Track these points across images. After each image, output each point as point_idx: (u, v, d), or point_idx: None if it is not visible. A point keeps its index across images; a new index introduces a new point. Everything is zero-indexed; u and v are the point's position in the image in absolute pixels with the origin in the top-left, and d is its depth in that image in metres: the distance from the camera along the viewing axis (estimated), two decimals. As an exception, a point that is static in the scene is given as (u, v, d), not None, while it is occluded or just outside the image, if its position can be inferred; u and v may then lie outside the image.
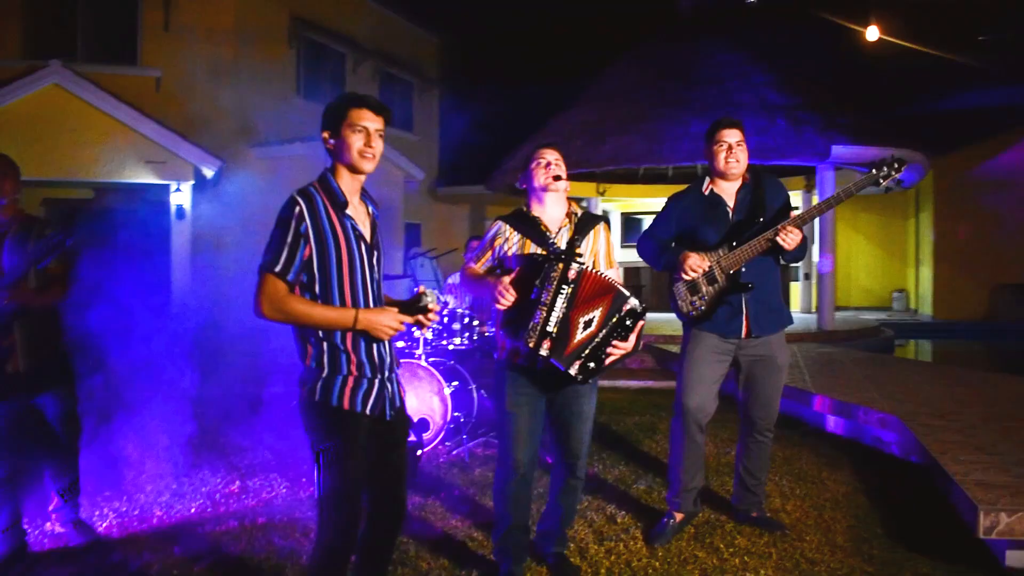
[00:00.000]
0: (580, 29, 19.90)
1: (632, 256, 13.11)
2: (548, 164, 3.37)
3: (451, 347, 6.15)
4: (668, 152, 10.94)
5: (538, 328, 3.08)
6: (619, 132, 11.41)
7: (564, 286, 3.07)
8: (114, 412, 5.47)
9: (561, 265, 3.09)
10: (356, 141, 2.58)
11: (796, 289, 15.06)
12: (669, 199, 4.13)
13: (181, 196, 11.40)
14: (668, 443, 5.76)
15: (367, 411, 2.62)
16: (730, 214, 3.86)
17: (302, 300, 2.54)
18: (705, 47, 13.18)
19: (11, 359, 3.64)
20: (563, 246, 3.33)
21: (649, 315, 3.26)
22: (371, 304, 2.65)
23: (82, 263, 3.95)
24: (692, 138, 10.76)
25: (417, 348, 5.98)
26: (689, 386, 3.88)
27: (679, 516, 3.99)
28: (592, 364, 3.12)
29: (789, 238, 3.63)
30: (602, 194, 14.97)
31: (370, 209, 2.74)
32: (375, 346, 2.64)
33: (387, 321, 2.57)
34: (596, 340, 3.10)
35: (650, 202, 16.10)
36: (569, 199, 3.48)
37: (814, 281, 13.51)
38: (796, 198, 15.89)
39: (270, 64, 14.17)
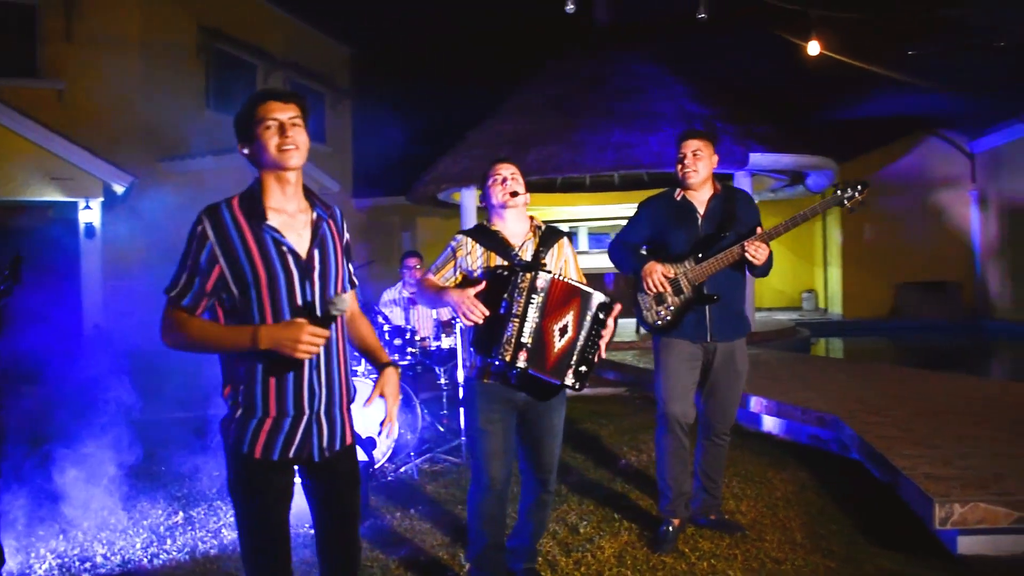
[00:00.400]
0: (495, 41, 19.97)
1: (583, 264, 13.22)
2: (504, 180, 3.33)
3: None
4: (592, 162, 11.07)
5: (512, 340, 3.04)
6: (543, 142, 11.49)
7: (534, 295, 3.06)
8: (36, 445, 5.17)
9: (529, 275, 3.06)
10: (271, 137, 2.25)
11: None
12: (641, 204, 4.17)
13: (90, 214, 10.90)
14: (617, 451, 5.84)
15: (289, 456, 2.31)
16: (699, 221, 3.91)
17: (199, 323, 2.27)
18: (624, 58, 13.40)
19: None
20: (528, 259, 3.31)
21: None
22: None
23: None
24: (615, 147, 10.93)
25: (358, 364, 5.86)
26: (670, 394, 3.91)
27: (676, 521, 4.01)
28: (584, 368, 3.11)
29: (759, 253, 3.70)
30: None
31: (315, 216, 2.37)
32: (304, 376, 2.29)
33: (295, 335, 2.16)
34: (579, 344, 3.09)
35: (568, 210, 16.29)
36: (530, 215, 3.46)
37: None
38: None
39: (179, 76, 13.76)
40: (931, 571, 3.53)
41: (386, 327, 6.13)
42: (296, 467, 2.39)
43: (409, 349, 6.10)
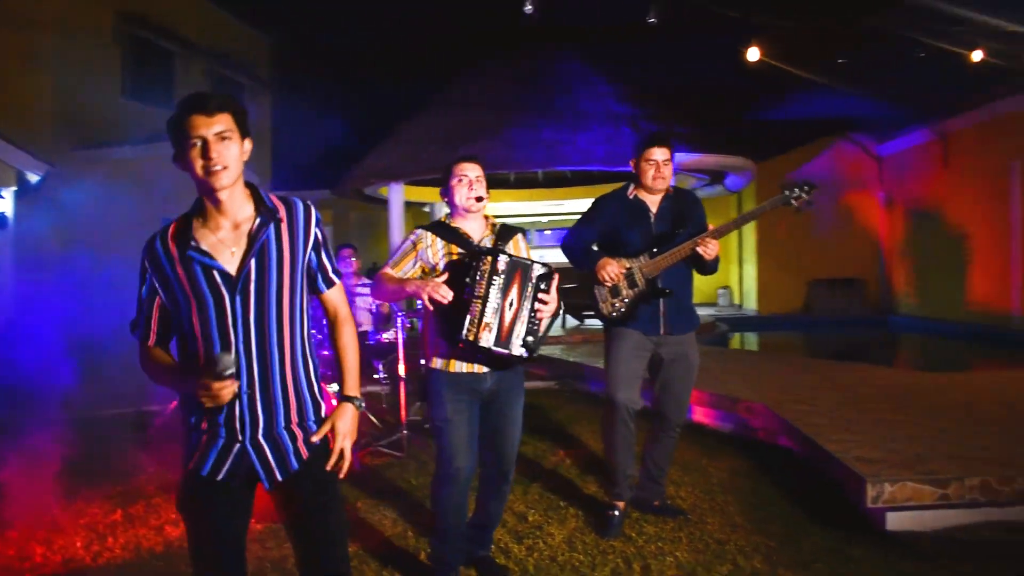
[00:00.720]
0: (421, 35, 19.92)
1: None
2: (471, 184, 3.38)
3: (326, 353, 6.04)
4: (523, 159, 11.21)
5: (476, 321, 3.13)
6: (474, 138, 11.56)
7: (495, 277, 3.16)
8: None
9: (490, 258, 3.17)
10: (196, 158, 2.11)
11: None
12: (595, 201, 4.30)
13: (3, 204, 10.45)
14: (552, 442, 5.96)
15: (227, 476, 2.21)
16: (652, 219, 4.06)
17: (153, 359, 2.26)
18: (551, 57, 13.58)
19: None
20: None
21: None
22: (241, 351, 2.16)
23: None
24: (545, 145, 11.10)
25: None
26: (617, 381, 4.04)
27: (622, 505, 4.14)
28: (531, 337, 3.21)
29: (709, 249, 3.87)
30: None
31: (256, 225, 2.20)
32: (236, 404, 2.17)
33: (197, 390, 2.08)
34: (523, 313, 3.20)
35: (493, 207, 16.38)
36: (484, 215, 3.54)
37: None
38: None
39: (94, 62, 13.32)
40: (864, 547, 3.75)
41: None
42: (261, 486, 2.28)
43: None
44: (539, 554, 3.83)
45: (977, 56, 9.33)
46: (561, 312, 3.49)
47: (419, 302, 3.23)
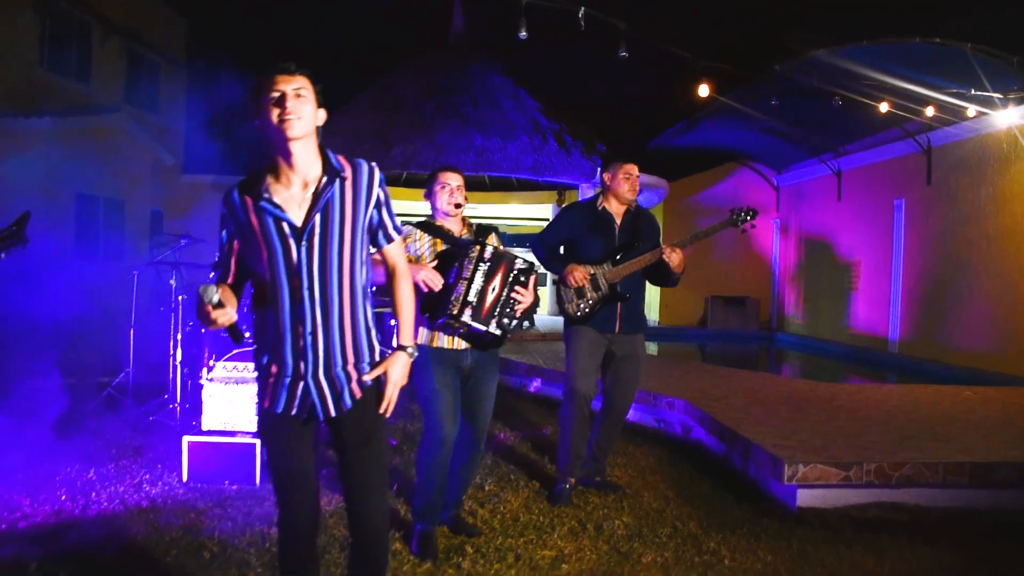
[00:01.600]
0: (342, 30, 20.06)
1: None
2: (452, 192, 3.89)
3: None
4: (455, 161, 11.63)
5: (460, 299, 3.64)
6: (406, 139, 11.94)
7: (481, 264, 3.69)
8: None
9: (479, 247, 3.70)
10: (272, 108, 2.39)
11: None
12: (564, 208, 4.89)
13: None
14: (495, 428, 6.45)
15: (292, 412, 2.55)
16: (616, 231, 4.61)
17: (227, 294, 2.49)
18: (478, 69, 14.03)
19: None
20: None
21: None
22: (297, 305, 2.47)
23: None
24: (477, 151, 11.60)
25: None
26: (578, 374, 4.59)
27: (573, 480, 4.67)
28: (506, 320, 3.74)
29: (674, 257, 4.44)
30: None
31: (322, 182, 2.48)
32: (300, 341, 2.49)
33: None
34: (502, 298, 3.73)
35: (414, 205, 16.75)
36: (461, 216, 4.05)
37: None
38: (546, 210, 17.40)
39: (13, 32, 13.03)
40: (778, 519, 4.39)
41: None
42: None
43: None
44: (501, 516, 4.32)
45: (884, 108, 10.39)
46: (537, 307, 3.98)
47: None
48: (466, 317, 3.63)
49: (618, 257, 4.56)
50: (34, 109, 12.74)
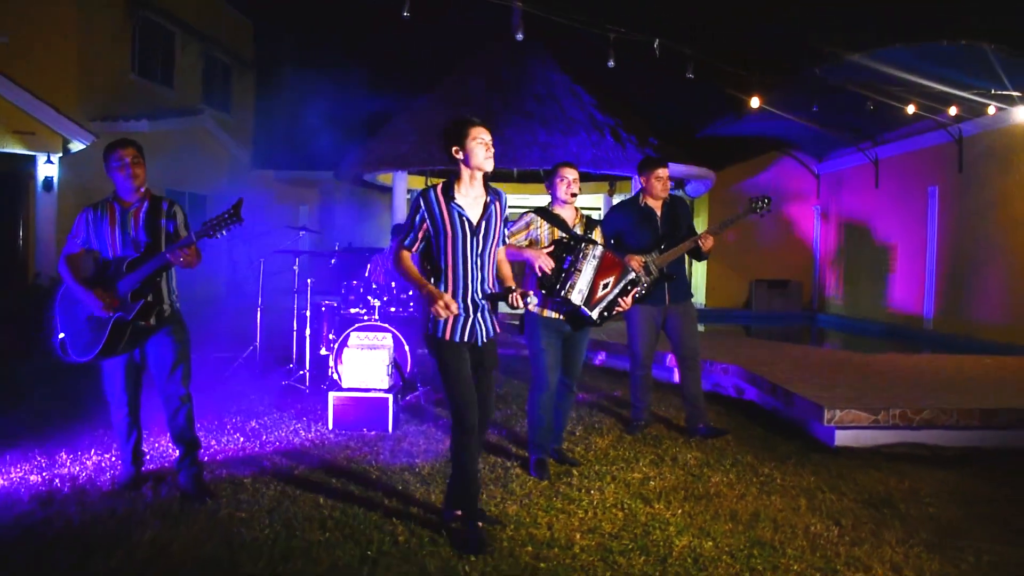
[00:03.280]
0: (403, 32, 21.12)
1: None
2: (569, 184, 4.92)
3: (393, 310, 7.34)
4: (521, 157, 12.66)
5: (573, 285, 4.65)
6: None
7: (592, 259, 4.68)
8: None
9: (591, 246, 4.69)
10: (479, 149, 3.72)
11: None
12: (612, 208, 6.03)
13: (50, 168, 11.46)
14: (583, 389, 7.52)
15: (465, 339, 3.80)
16: (658, 221, 5.68)
17: (408, 263, 3.78)
18: (537, 64, 14.90)
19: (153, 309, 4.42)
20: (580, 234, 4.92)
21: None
22: (468, 272, 3.75)
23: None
24: (540, 146, 12.61)
25: (374, 314, 7.15)
26: (641, 347, 5.77)
27: (641, 423, 5.89)
28: (606, 312, 4.77)
29: (707, 243, 5.53)
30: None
31: (488, 199, 3.81)
32: (470, 292, 3.76)
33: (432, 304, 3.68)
34: (611, 297, 4.75)
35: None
36: (574, 206, 5.07)
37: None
38: (598, 200, 18.39)
39: (112, 43, 14.26)
40: (820, 453, 5.43)
41: (393, 284, 7.50)
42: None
43: (409, 303, 7.48)
44: (595, 452, 5.40)
45: (911, 110, 11.31)
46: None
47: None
48: (575, 299, 4.63)
49: (662, 246, 5.61)
50: (129, 113, 13.98)
